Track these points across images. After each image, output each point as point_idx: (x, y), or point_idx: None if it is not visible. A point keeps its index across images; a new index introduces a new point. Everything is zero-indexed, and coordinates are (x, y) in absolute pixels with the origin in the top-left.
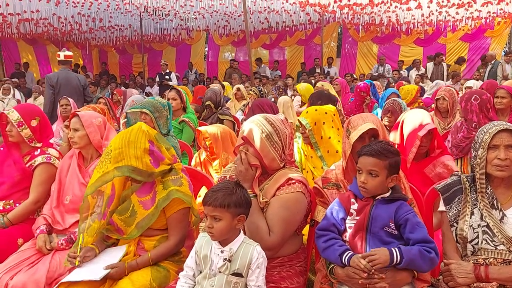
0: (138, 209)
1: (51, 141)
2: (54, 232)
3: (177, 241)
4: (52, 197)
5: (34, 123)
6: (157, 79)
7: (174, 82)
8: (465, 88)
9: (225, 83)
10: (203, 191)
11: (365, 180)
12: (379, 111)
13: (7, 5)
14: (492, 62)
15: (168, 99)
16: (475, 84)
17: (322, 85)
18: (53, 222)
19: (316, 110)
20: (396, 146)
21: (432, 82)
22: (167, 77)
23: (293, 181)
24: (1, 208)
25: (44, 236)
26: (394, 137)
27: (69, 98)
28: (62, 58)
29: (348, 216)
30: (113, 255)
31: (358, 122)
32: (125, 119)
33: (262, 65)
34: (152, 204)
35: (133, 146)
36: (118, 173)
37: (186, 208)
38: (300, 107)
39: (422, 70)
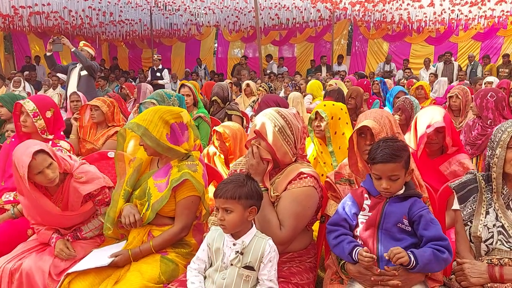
0: (153, 192)
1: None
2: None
3: (181, 228)
4: None
5: (49, 114)
6: (149, 76)
7: (166, 79)
8: (485, 84)
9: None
10: (212, 186)
11: (387, 185)
12: (387, 109)
13: None
14: (472, 63)
15: (183, 95)
16: (495, 80)
17: (335, 84)
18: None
19: (333, 104)
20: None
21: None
22: (158, 74)
23: (305, 176)
24: (12, 199)
25: (63, 241)
26: (409, 137)
27: (79, 93)
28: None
29: (361, 211)
30: (115, 247)
31: (361, 119)
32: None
33: (271, 61)
34: (166, 187)
35: (162, 114)
36: (133, 127)
37: (196, 197)
38: (311, 103)
39: (432, 69)
